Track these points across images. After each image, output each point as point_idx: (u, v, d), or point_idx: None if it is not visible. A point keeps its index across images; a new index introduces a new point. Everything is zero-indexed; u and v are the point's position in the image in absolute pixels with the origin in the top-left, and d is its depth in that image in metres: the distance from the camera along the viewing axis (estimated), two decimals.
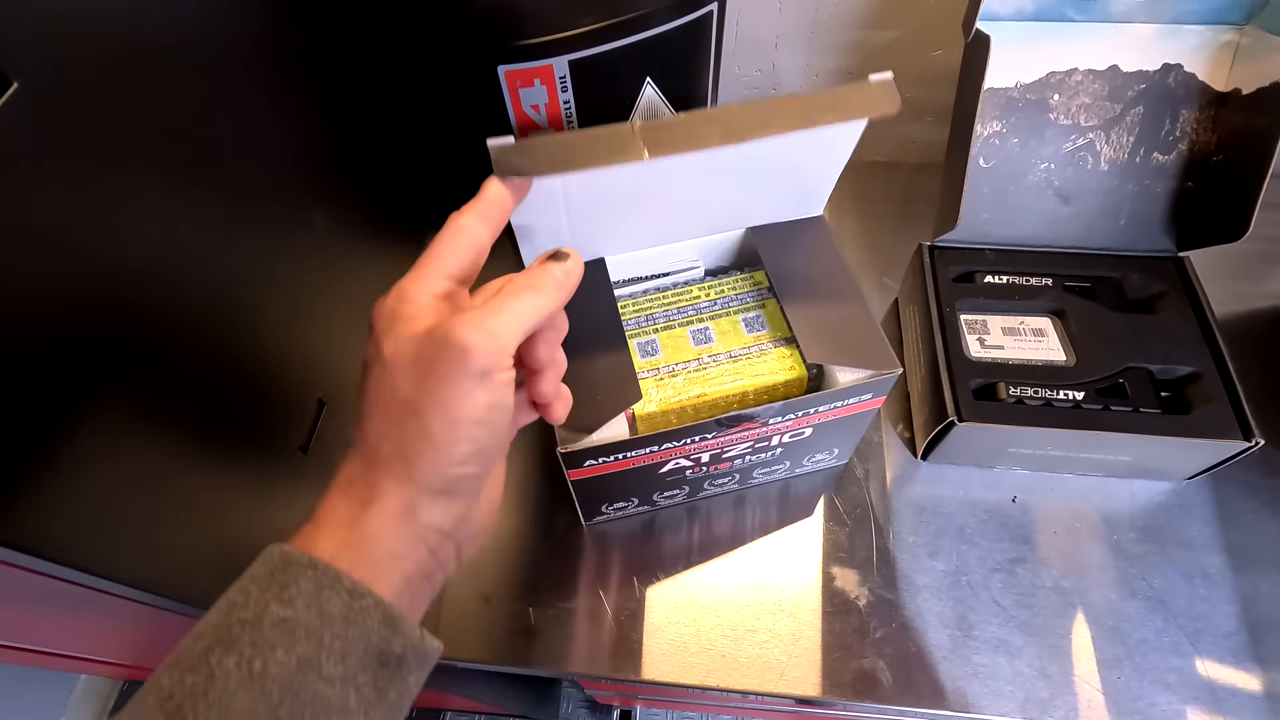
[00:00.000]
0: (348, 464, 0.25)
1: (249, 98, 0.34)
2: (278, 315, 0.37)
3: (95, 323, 0.25)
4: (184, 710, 0.20)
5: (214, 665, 0.20)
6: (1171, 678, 0.43)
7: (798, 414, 0.41)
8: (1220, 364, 0.46)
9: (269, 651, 0.21)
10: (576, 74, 0.46)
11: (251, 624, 0.21)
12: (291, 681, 0.21)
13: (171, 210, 0.29)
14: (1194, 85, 0.48)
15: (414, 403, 0.24)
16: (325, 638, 0.21)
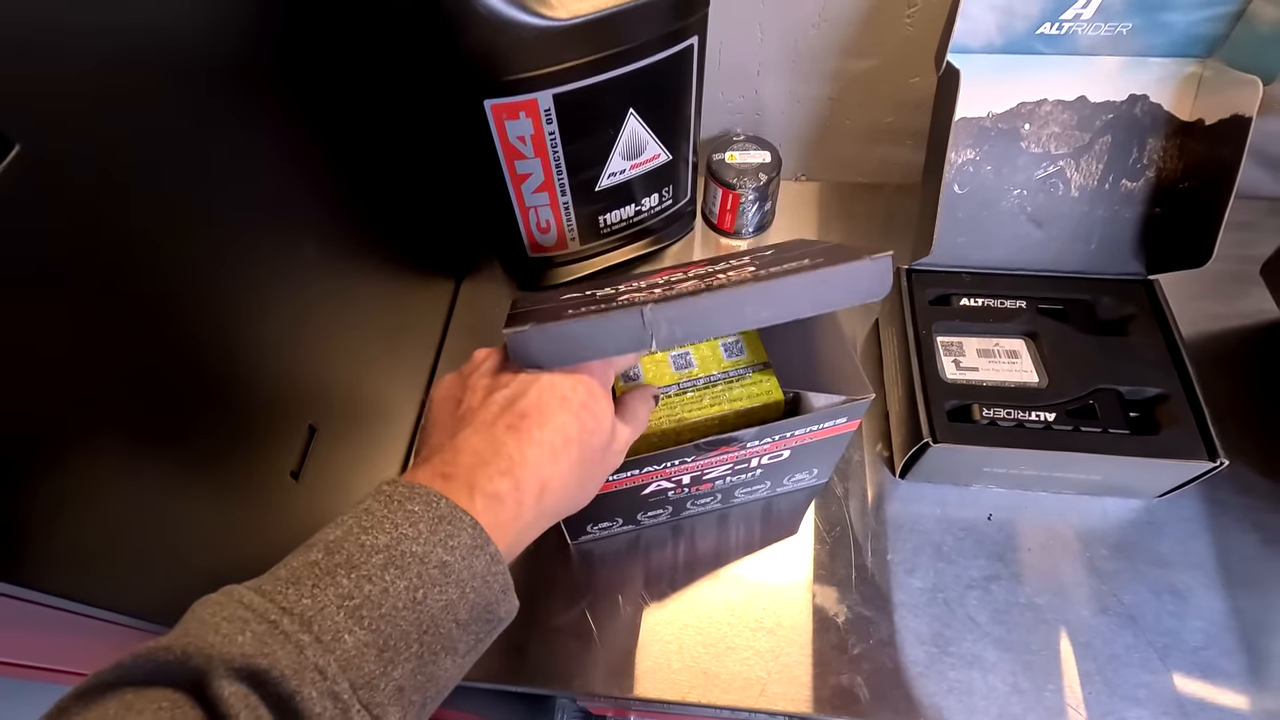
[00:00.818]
0: (499, 432, 0.29)
1: (242, 137, 0.35)
2: (270, 346, 0.38)
3: (95, 357, 0.26)
4: (360, 612, 0.23)
5: (389, 583, 0.24)
6: (1141, 693, 0.44)
7: (774, 438, 0.42)
8: (1187, 386, 0.48)
9: (430, 587, 0.24)
10: (561, 107, 0.47)
11: (419, 558, 0.24)
12: (438, 616, 0.24)
13: (169, 249, 0.30)
14: (1160, 115, 0.50)
15: (597, 445, 0.32)
16: (468, 589, 0.25)
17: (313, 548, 0.24)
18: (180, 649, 0.21)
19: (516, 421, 0.29)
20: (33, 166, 0.23)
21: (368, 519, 0.25)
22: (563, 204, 0.55)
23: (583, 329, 0.32)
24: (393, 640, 0.23)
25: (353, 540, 0.24)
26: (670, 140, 0.55)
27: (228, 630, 0.21)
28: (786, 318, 0.33)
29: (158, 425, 0.30)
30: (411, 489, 0.26)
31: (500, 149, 0.49)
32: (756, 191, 0.61)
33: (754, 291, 0.33)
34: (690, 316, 0.33)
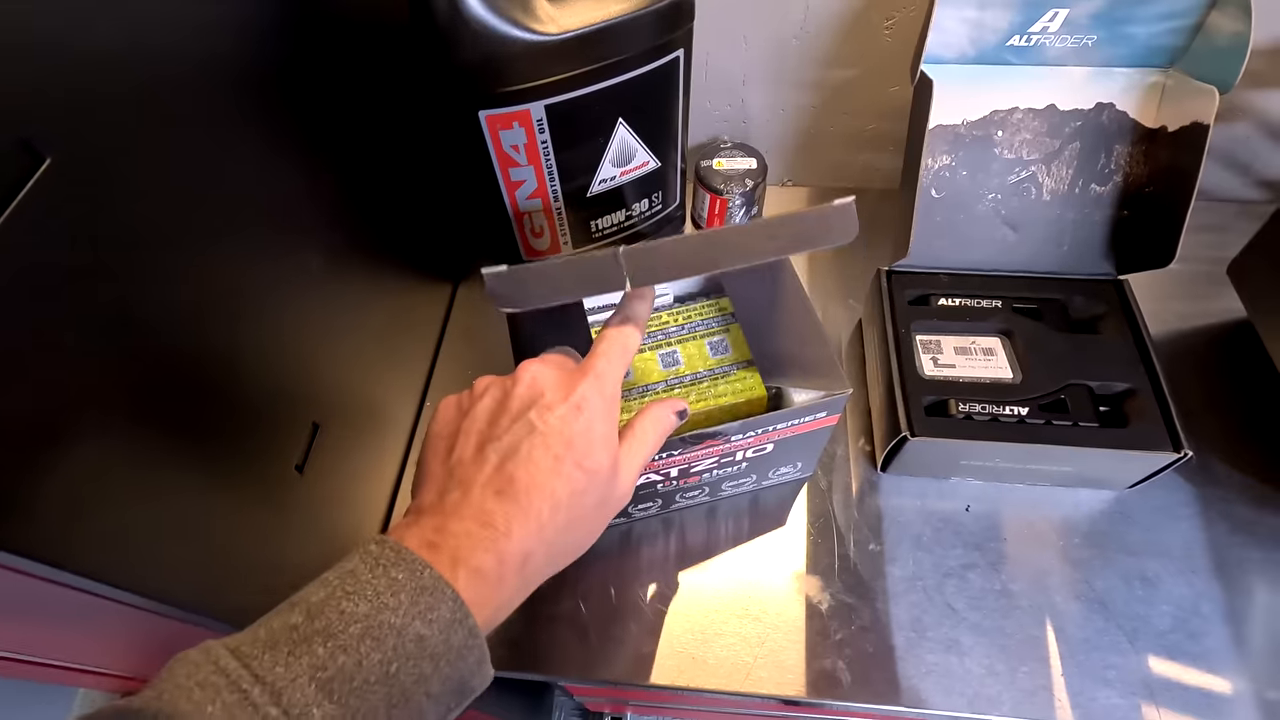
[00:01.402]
0: (488, 499, 0.29)
1: (248, 148, 0.37)
2: (275, 347, 0.40)
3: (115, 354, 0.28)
4: (332, 685, 0.23)
5: (363, 655, 0.24)
6: (1111, 674, 0.46)
7: (758, 431, 0.44)
8: (1155, 382, 0.50)
9: (404, 660, 0.24)
10: (553, 117, 0.49)
11: (397, 630, 0.24)
12: (410, 690, 0.25)
13: (182, 254, 0.32)
14: (1125, 123, 0.52)
15: (581, 504, 0.31)
16: (442, 663, 0.25)
17: (295, 608, 0.25)
18: (152, 713, 0.21)
19: (505, 487, 0.29)
20: (62, 177, 0.25)
21: (351, 583, 0.25)
22: (555, 210, 0.57)
23: (559, 268, 0.33)
24: (361, 714, 0.23)
25: (333, 606, 0.25)
26: (659, 148, 0.57)
27: (199, 698, 0.22)
28: (757, 260, 0.34)
29: (172, 420, 0.32)
30: (398, 554, 0.26)
31: (495, 157, 0.51)
32: (743, 196, 0.63)
33: (725, 235, 0.34)
34: (664, 257, 0.34)
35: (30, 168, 0.24)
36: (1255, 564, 0.49)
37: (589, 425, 0.31)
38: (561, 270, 0.33)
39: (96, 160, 0.27)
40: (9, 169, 0.23)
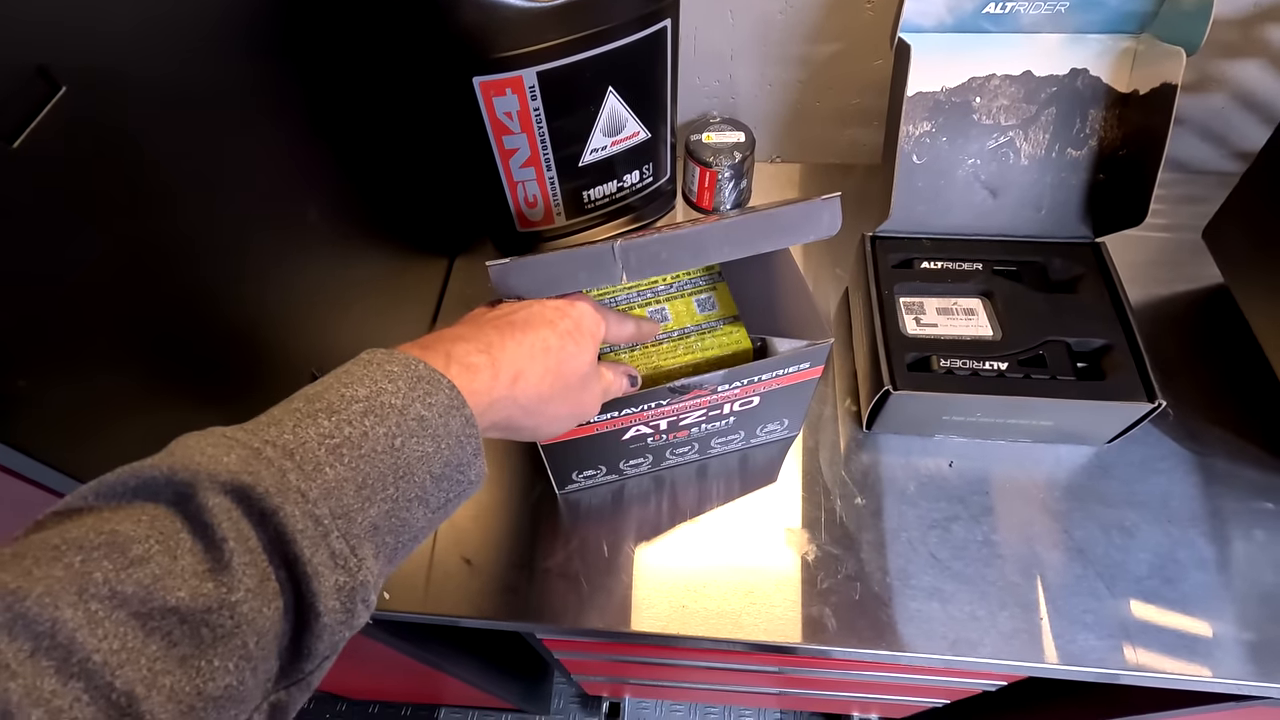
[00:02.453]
0: (486, 330, 0.32)
1: (250, 108, 0.39)
2: (277, 299, 0.42)
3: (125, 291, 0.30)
4: (341, 450, 0.24)
5: (368, 428, 0.25)
6: (1089, 618, 0.47)
7: (743, 381, 0.45)
8: (1130, 337, 0.51)
9: (407, 436, 0.25)
10: (545, 84, 0.51)
11: (398, 410, 0.26)
12: (414, 465, 0.26)
13: (190, 203, 0.33)
14: (1099, 88, 0.53)
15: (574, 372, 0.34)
16: (443, 444, 0.27)
17: (292, 400, 0.26)
18: (166, 466, 0.21)
19: (503, 325, 0.32)
20: (76, 108, 0.27)
21: (347, 376, 0.26)
22: (548, 179, 0.58)
23: (559, 259, 0.35)
24: (370, 479, 0.24)
25: (333, 391, 0.25)
26: (648, 119, 0.59)
27: (213, 453, 0.22)
28: (747, 252, 0.37)
29: (176, 354, 0.34)
30: (390, 354, 0.27)
31: (489, 124, 0.53)
32: (732, 169, 0.65)
33: (716, 229, 0.36)
34: (656, 250, 0.36)
35: (47, 94, 0.26)
36: (1230, 513, 0.51)
37: (577, 315, 0.35)
38: (561, 262, 0.36)
39: (109, 96, 0.29)
40: (28, 94, 0.25)
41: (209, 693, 0.20)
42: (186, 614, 0.20)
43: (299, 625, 0.23)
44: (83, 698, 0.18)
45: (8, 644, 0.17)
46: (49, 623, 0.18)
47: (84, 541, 0.19)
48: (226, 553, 0.21)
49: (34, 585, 0.18)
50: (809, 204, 0.37)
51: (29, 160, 0.25)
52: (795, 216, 0.38)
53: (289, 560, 0.22)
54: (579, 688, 1.26)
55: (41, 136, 0.25)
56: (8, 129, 0.24)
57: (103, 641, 0.18)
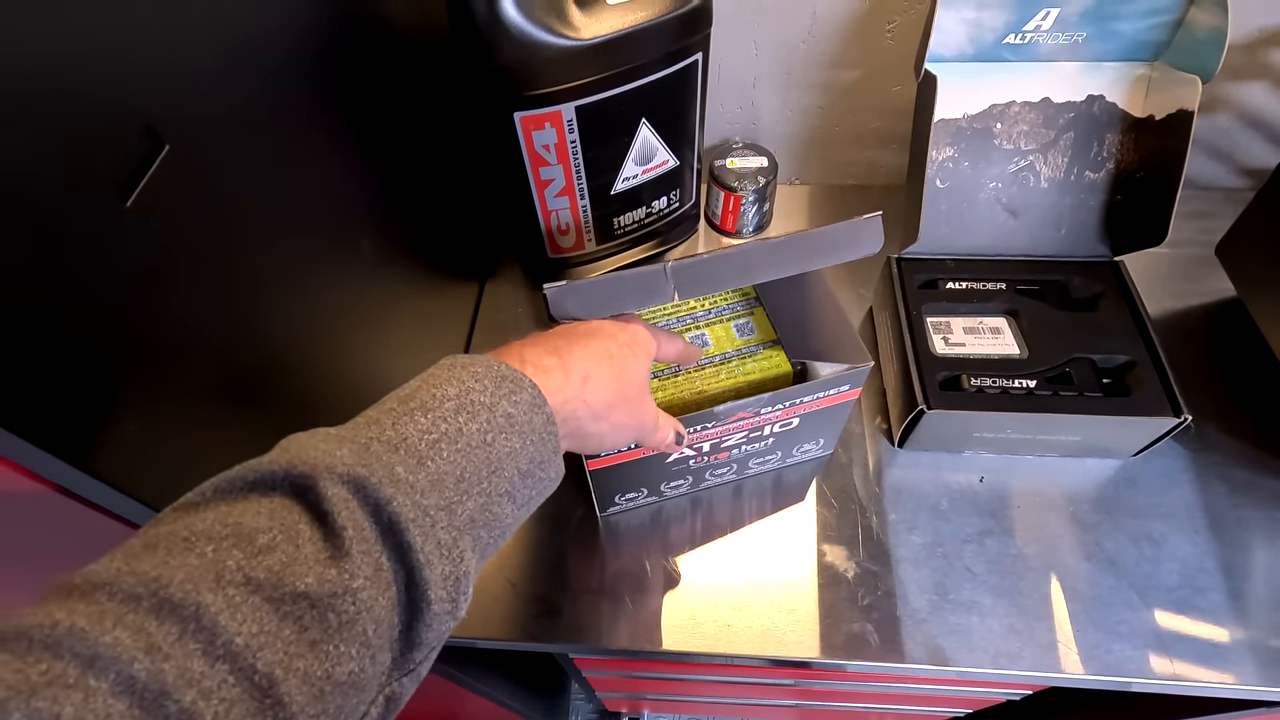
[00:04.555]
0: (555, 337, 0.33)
1: (314, 148, 0.40)
2: (332, 335, 0.43)
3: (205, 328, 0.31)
4: (440, 445, 0.25)
5: (462, 424, 0.26)
6: (1123, 628, 0.49)
7: (785, 404, 0.47)
8: (1153, 353, 0.53)
9: (497, 432, 0.27)
10: (582, 118, 0.53)
11: (488, 407, 0.27)
12: (504, 460, 0.27)
13: (273, 246, 0.35)
14: (1115, 113, 0.55)
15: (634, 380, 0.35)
16: (528, 440, 0.28)
17: (385, 401, 0.27)
18: (284, 461, 0.22)
19: (567, 333, 0.34)
20: (176, 163, 0.28)
21: (433, 379, 0.27)
22: (581, 207, 0.60)
23: (613, 282, 0.37)
24: (467, 473, 0.25)
25: (424, 391, 0.27)
26: (677, 147, 0.60)
27: (326, 448, 0.23)
28: (793, 271, 0.38)
29: (251, 399, 0.35)
30: (471, 358, 0.29)
31: (527, 156, 0.54)
32: (755, 193, 0.67)
33: (762, 248, 0.38)
34: (706, 270, 0.37)
35: (153, 152, 0.27)
36: (1254, 522, 0.52)
37: (634, 331, 0.36)
38: (615, 283, 0.37)
39: (201, 148, 0.30)
40: (138, 153, 0.26)
41: (336, 677, 0.21)
42: (315, 599, 0.20)
43: (410, 614, 0.23)
44: (229, 679, 0.18)
45: (156, 627, 0.18)
46: (193, 607, 0.18)
47: (212, 533, 0.20)
48: (346, 540, 0.21)
49: (174, 573, 0.19)
50: (852, 223, 0.38)
51: (137, 215, 0.26)
52: (839, 235, 0.39)
53: (401, 549, 0.23)
54: (598, 703, 1.26)
55: (148, 192, 0.26)
56: (121, 188, 0.25)
57: (242, 625, 0.19)
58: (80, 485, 0.25)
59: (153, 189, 0.27)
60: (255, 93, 0.34)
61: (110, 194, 0.25)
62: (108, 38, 0.25)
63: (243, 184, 0.33)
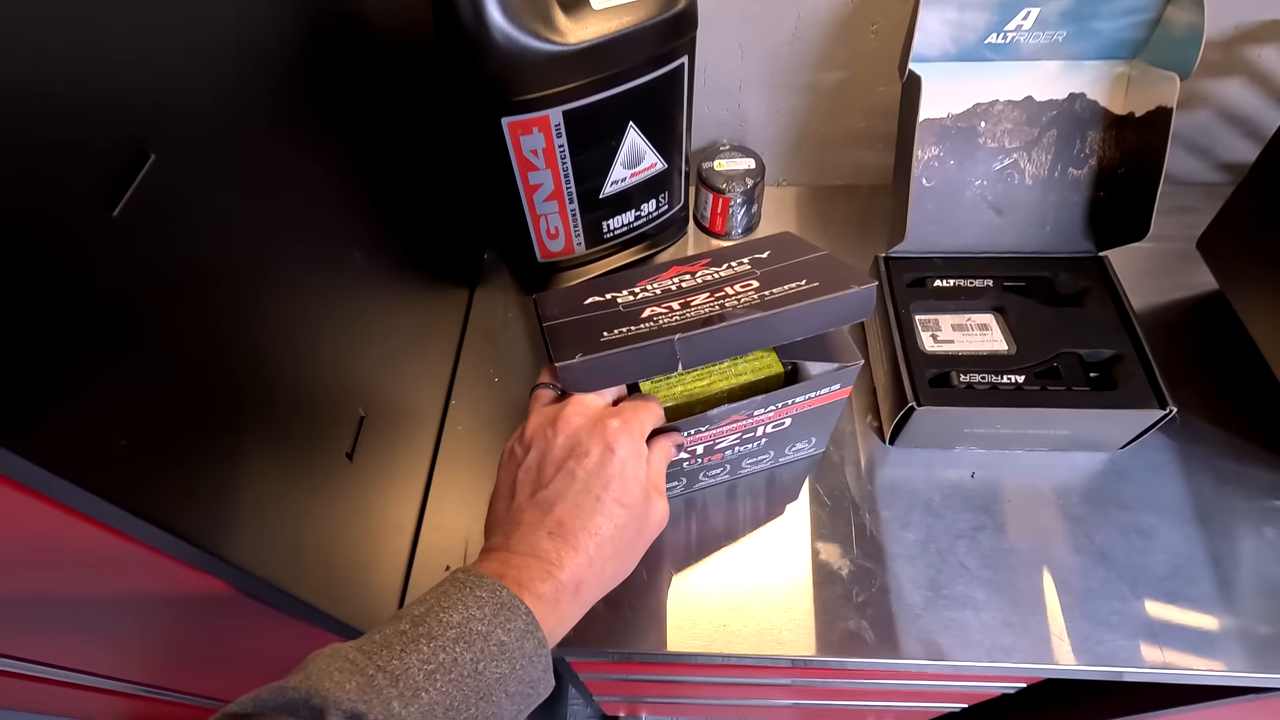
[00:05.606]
0: (542, 540, 0.35)
1: (301, 159, 0.40)
2: (325, 342, 0.42)
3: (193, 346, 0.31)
4: (435, 676, 0.29)
5: (458, 654, 0.29)
6: (1115, 619, 0.49)
7: (778, 405, 0.47)
8: (1139, 347, 0.54)
9: (489, 660, 0.30)
10: (569, 122, 0.53)
11: (483, 636, 0.30)
12: (493, 686, 0.30)
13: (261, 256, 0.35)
14: (1097, 110, 0.56)
15: (625, 534, 0.37)
16: (518, 665, 0.31)
17: (401, 619, 0.30)
18: (305, 690, 0.26)
19: (555, 529, 0.35)
20: (161, 174, 0.28)
21: (445, 600, 0.31)
22: (570, 211, 0.60)
23: (623, 359, 0.39)
24: (457, 701, 0.29)
25: (433, 617, 0.30)
26: (665, 150, 0.60)
27: (339, 679, 0.27)
28: (791, 339, 0.41)
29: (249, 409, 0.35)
30: (480, 579, 0.32)
31: (515, 162, 0.54)
32: (744, 195, 0.67)
33: (761, 324, 0.40)
34: (712, 344, 0.40)
35: (139, 163, 0.27)
36: (1241, 512, 0.53)
37: (622, 466, 0.37)
38: (626, 360, 0.39)
39: (187, 160, 0.30)
40: (119, 163, 0.26)
41: None
42: None
43: None
44: None
45: None
46: None
47: None
48: None
49: None
50: (850, 294, 0.40)
51: (123, 226, 0.26)
52: (837, 306, 0.41)
53: None
54: (595, 707, 1.26)
55: (134, 203, 0.26)
56: (107, 198, 0.25)
57: None
58: (81, 502, 0.25)
59: (138, 199, 0.26)
60: (239, 100, 0.34)
61: (95, 204, 0.25)
62: (87, 48, 0.25)
63: (229, 192, 0.33)
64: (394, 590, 0.51)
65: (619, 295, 0.47)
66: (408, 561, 0.53)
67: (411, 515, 0.54)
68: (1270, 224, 0.53)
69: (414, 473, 0.55)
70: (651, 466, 0.40)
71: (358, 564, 0.46)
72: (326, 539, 0.41)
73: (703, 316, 0.41)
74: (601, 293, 0.48)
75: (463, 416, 0.62)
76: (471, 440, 0.60)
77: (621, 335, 0.41)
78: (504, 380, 0.64)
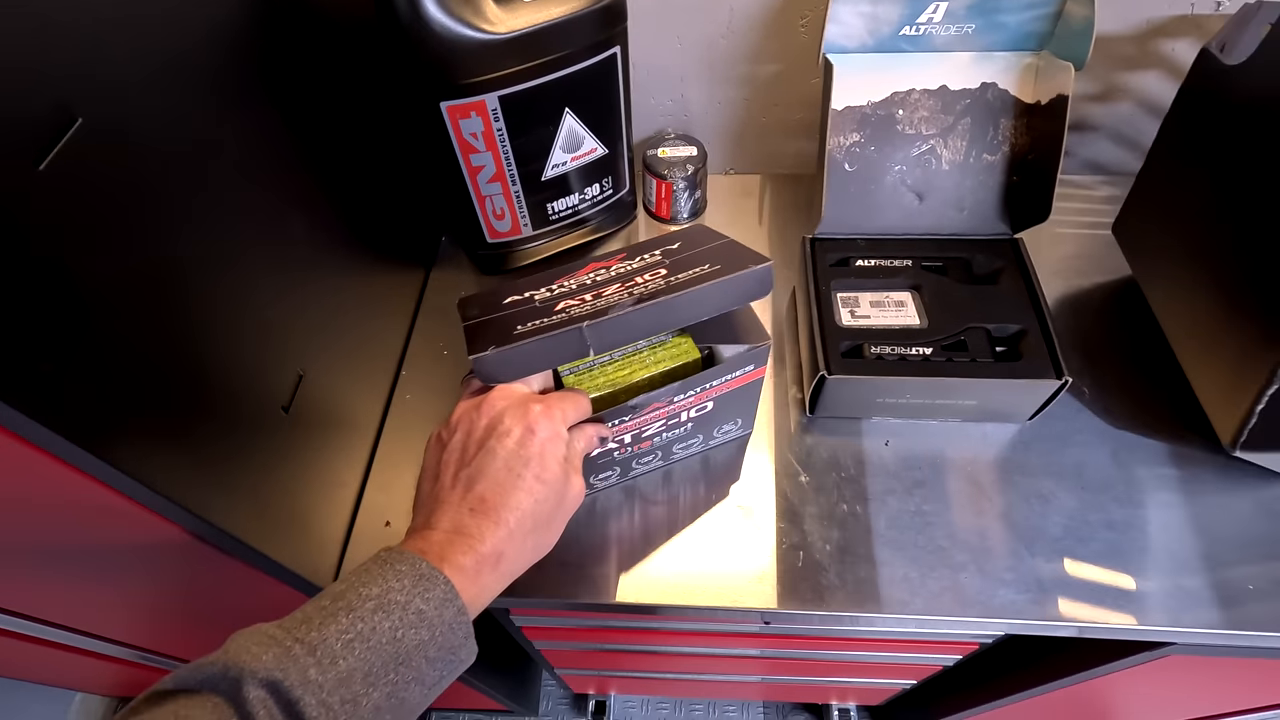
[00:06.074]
0: (463, 516, 0.37)
1: (237, 128, 0.44)
2: (262, 306, 0.46)
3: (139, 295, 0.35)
4: (354, 645, 0.31)
5: (376, 623, 0.31)
6: (1009, 575, 0.52)
7: (697, 389, 0.49)
8: (1043, 323, 0.57)
9: (408, 628, 0.32)
10: (506, 107, 0.56)
11: (402, 605, 0.32)
12: (412, 652, 0.32)
13: (191, 215, 0.38)
14: (1008, 99, 0.59)
15: (544, 509, 0.39)
16: (437, 631, 0.33)
17: (323, 596, 0.33)
18: (222, 664, 0.28)
19: (476, 505, 0.37)
20: (90, 137, 0.31)
21: (365, 576, 0.33)
22: (514, 193, 0.64)
23: (534, 348, 0.41)
24: (375, 668, 0.31)
25: (353, 591, 0.32)
26: (605, 136, 0.64)
27: (256, 651, 0.29)
28: (696, 319, 0.44)
29: (181, 355, 0.38)
30: (400, 555, 0.34)
31: (456, 144, 0.58)
32: (686, 181, 0.70)
33: (665, 306, 0.42)
34: (620, 329, 0.42)
35: (65, 125, 0.30)
36: (1139, 480, 0.56)
37: (542, 446, 0.39)
38: (539, 349, 0.42)
39: (118, 124, 0.33)
40: (48, 126, 0.30)
41: None
42: None
43: None
44: None
45: None
46: None
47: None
48: None
49: None
50: (745, 274, 0.43)
51: (51, 182, 0.30)
52: (734, 286, 0.43)
53: None
54: (568, 688, 1.29)
55: (62, 162, 0.30)
56: (36, 154, 0.29)
57: None
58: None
59: (67, 157, 0.30)
60: (175, 69, 0.37)
61: (25, 161, 0.29)
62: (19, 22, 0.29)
63: (163, 155, 0.37)
64: (336, 541, 0.55)
65: (537, 293, 0.49)
66: (351, 514, 0.57)
67: (357, 473, 0.58)
68: (1163, 209, 0.56)
69: (360, 433, 0.59)
70: (571, 448, 0.42)
71: (298, 512, 0.49)
72: (265, 486, 0.45)
73: (611, 304, 0.43)
74: (520, 292, 0.50)
75: (412, 386, 0.65)
76: (419, 407, 0.64)
77: (534, 327, 0.43)
78: (453, 353, 0.67)
